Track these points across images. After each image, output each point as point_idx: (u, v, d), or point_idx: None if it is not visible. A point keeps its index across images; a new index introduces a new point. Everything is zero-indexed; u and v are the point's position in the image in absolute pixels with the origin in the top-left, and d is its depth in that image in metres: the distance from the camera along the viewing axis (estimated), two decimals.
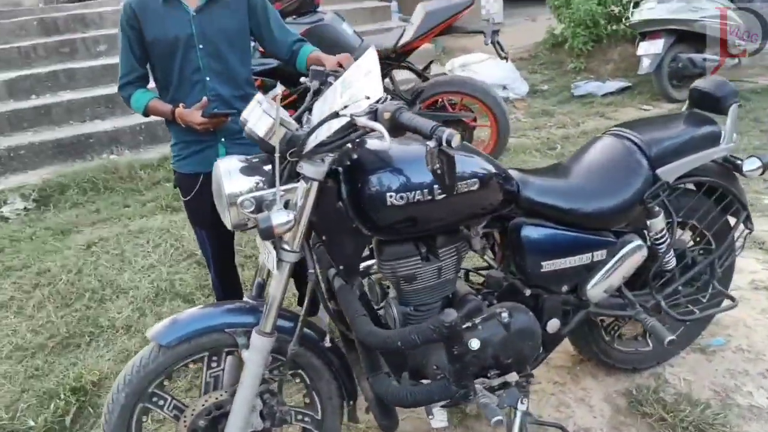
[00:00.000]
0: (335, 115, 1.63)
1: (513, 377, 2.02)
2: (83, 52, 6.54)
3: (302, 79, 2.10)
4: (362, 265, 2.08)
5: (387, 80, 4.27)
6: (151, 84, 2.49)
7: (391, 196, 1.72)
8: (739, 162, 2.22)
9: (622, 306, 2.22)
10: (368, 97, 1.57)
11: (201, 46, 2.36)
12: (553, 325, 2.13)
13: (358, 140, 1.73)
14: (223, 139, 2.44)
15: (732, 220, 2.38)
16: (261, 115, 1.68)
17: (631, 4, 5.84)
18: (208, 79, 2.38)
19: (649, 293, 2.24)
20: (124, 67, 2.41)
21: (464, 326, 1.96)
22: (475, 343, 1.95)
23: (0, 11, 7.09)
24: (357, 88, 1.71)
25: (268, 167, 1.80)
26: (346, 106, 1.62)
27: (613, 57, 6.85)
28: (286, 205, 1.71)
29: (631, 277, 2.25)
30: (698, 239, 2.42)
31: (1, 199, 4.66)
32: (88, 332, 3.07)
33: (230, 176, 1.74)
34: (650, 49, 5.59)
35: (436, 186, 1.75)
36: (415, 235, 1.88)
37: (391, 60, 4.13)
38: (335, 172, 1.79)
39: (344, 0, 7.98)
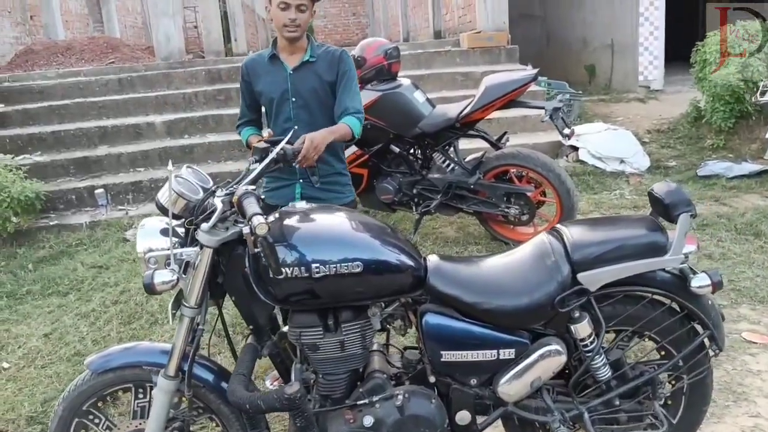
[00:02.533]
0: (212, 193, 1.85)
1: None
2: (235, 101, 7.38)
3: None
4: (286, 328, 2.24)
5: (451, 149, 4.38)
6: None
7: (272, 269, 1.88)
8: (690, 276, 2.04)
9: (543, 410, 2.12)
10: (229, 181, 1.78)
11: (294, 100, 2.78)
12: (463, 417, 2.11)
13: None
14: (300, 180, 2.81)
15: None
16: (167, 186, 1.95)
17: (760, 85, 5.33)
18: (296, 127, 2.71)
19: (572, 401, 2.12)
20: (241, 110, 3.00)
21: (362, 402, 2.06)
22: (368, 420, 2.05)
23: (181, 62, 8.27)
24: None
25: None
26: (219, 187, 1.84)
27: (759, 136, 6.23)
28: (187, 267, 1.96)
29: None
30: (663, 353, 2.23)
31: (129, 223, 5.45)
32: None
33: (145, 235, 2.01)
34: None
35: (313, 265, 1.88)
36: (312, 308, 2.01)
37: (455, 130, 4.24)
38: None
39: (491, 62, 8.16)
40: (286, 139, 2.25)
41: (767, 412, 2.67)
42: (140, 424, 2.18)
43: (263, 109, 2.97)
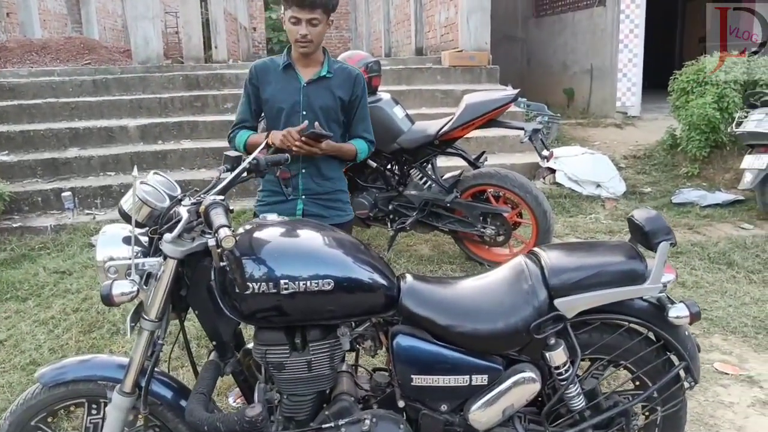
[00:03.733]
0: (178, 201, 1.77)
1: None
2: (212, 108, 7.29)
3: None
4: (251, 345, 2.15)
5: (429, 166, 4.33)
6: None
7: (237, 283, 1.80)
8: (668, 306, 2.00)
9: None
10: (196, 190, 1.70)
11: (304, 113, 2.64)
12: None
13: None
14: (303, 197, 2.70)
15: None
16: (131, 192, 1.86)
17: (736, 115, 5.39)
18: (307, 122, 2.58)
19: (544, 431, 2.06)
20: (239, 115, 2.78)
21: (328, 425, 1.97)
22: None
23: (159, 66, 8.14)
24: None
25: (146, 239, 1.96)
26: (186, 195, 1.76)
27: (733, 166, 6.30)
28: (148, 278, 1.86)
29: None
30: (637, 383, 2.19)
31: (96, 228, 5.30)
32: None
33: (106, 243, 1.91)
34: (754, 163, 5.10)
35: (282, 281, 1.80)
36: (279, 325, 1.92)
37: (434, 147, 4.20)
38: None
39: (472, 81, 8.17)
40: (263, 145, 2.16)
41: None
42: None
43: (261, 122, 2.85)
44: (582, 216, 5.63)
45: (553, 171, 6.22)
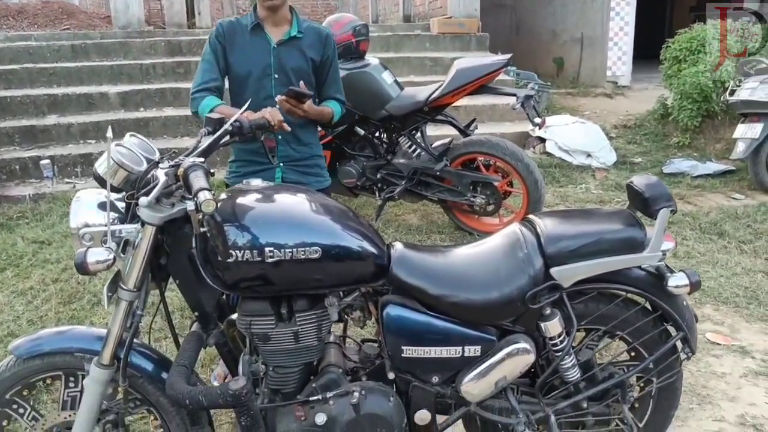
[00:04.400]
0: (156, 164, 1.67)
1: None
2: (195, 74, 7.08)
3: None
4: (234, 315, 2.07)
5: (418, 134, 4.23)
6: None
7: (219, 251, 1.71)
8: (668, 275, 1.94)
9: (508, 411, 2.00)
10: (175, 152, 1.60)
11: (276, 76, 2.55)
12: (422, 416, 1.97)
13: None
14: (282, 164, 2.60)
15: None
16: (106, 155, 1.75)
17: (729, 85, 5.33)
18: (277, 107, 2.46)
19: (538, 403, 2.00)
20: (205, 74, 2.57)
21: (315, 398, 1.90)
22: (320, 418, 1.90)
23: (140, 31, 7.91)
24: None
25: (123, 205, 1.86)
26: (164, 158, 1.66)
27: (724, 136, 6.25)
28: (126, 245, 1.76)
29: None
30: (633, 354, 2.13)
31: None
32: None
33: (80, 209, 1.81)
34: (747, 132, 5.05)
35: (267, 248, 1.71)
36: (264, 295, 1.84)
37: (423, 114, 4.09)
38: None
39: (461, 48, 8.03)
40: (243, 110, 2.06)
41: (731, 416, 2.61)
42: (70, 415, 1.99)
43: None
44: (572, 186, 5.57)
45: (543, 140, 6.14)
